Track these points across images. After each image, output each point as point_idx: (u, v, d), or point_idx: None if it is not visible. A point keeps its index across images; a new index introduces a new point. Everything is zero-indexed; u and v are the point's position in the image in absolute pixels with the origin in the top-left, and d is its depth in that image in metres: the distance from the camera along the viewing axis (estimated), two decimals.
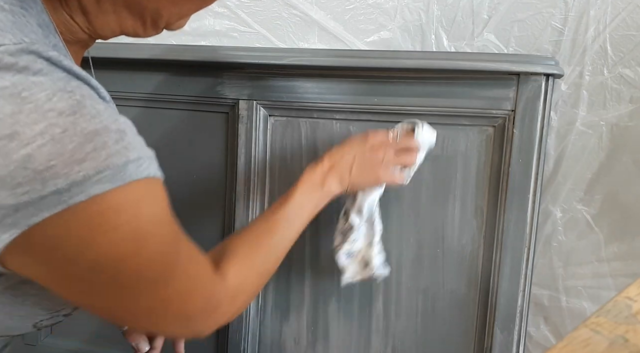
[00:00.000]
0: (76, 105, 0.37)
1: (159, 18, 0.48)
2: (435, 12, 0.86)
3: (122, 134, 0.40)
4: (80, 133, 0.37)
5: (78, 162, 0.36)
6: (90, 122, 0.37)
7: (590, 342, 0.39)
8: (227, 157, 0.89)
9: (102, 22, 0.47)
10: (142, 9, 0.46)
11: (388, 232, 0.84)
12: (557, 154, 0.85)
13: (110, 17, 0.47)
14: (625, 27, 0.79)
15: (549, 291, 0.89)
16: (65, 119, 0.36)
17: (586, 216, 0.85)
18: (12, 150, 0.35)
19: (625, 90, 0.80)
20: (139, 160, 0.41)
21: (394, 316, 0.85)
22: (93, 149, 0.37)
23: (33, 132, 0.35)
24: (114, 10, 0.46)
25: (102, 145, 0.38)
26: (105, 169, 0.37)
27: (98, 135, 0.37)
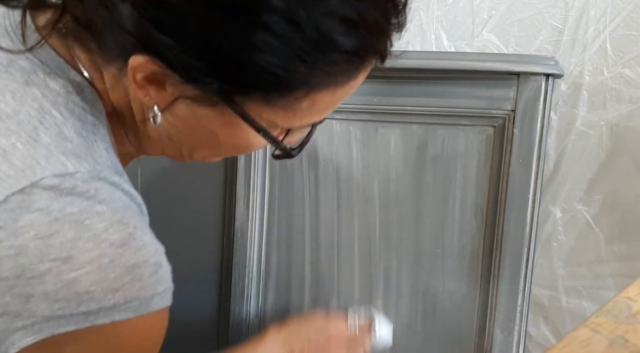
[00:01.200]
0: (127, 238, 0.41)
1: (193, 153, 0.53)
2: (435, 12, 0.86)
3: (157, 267, 0.45)
4: (124, 265, 0.41)
5: (113, 290, 0.41)
6: (134, 255, 0.42)
7: (590, 342, 0.39)
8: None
9: (149, 144, 0.52)
10: (180, 144, 0.51)
11: (388, 232, 0.84)
12: (557, 154, 0.85)
13: (155, 142, 0.51)
14: (626, 27, 0.79)
15: (549, 291, 0.89)
16: (115, 250, 0.40)
17: (586, 216, 0.85)
18: (63, 272, 0.39)
19: (625, 90, 0.80)
20: (164, 292, 0.45)
21: (394, 316, 0.85)
22: (130, 280, 0.41)
23: (85, 258, 0.39)
24: (159, 138, 0.50)
25: (138, 277, 0.42)
26: (134, 300, 0.42)
27: (137, 268, 0.42)
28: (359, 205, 0.85)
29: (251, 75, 0.41)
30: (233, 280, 0.90)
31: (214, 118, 0.45)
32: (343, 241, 0.86)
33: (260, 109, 0.44)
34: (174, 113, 0.46)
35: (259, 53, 0.39)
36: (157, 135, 0.50)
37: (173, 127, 0.48)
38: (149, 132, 0.50)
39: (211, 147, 0.51)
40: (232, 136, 0.47)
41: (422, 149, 0.82)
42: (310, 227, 0.87)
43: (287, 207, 0.88)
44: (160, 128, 0.48)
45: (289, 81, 0.42)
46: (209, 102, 0.44)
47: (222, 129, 0.46)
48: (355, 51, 0.43)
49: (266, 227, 0.89)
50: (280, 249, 0.89)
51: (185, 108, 0.45)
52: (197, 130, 0.47)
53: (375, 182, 0.84)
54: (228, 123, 0.45)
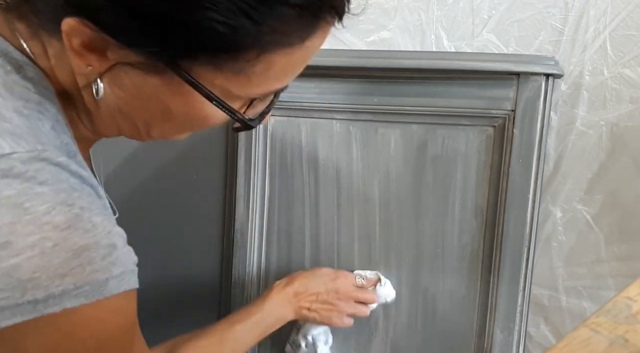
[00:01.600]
0: (73, 219, 0.39)
1: (150, 130, 0.49)
2: (435, 12, 0.86)
3: (111, 249, 0.41)
4: (70, 248, 0.38)
5: (61, 276, 0.38)
6: (82, 237, 0.39)
7: (590, 342, 0.39)
8: (227, 157, 0.89)
9: (102, 123, 0.49)
10: (134, 119, 0.47)
11: (388, 232, 0.84)
12: (557, 154, 0.85)
13: (109, 120, 0.48)
14: (626, 27, 0.79)
15: (549, 291, 0.88)
16: (59, 233, 0.38)
17: (586, 216, 0.85)
18: (2, 258, 0.36)
19: (625, 90, 0.80)
20: (121, 275, 0.42)
21: (394, 316, 0.85)
22: (79, 264, 0.39)
23: (25, 243, 0.37)
24: (111, 115, 0.47)
25: (88, 261, 0.39)
26: (85, 285, 0.39)
27: (87, 251, 0.39)
28: (359, 205, 0.85)
29: (193, 34, 0.38)
30: (233, 280, 0.90)
31: (162, 87, 0.42)
32: (343, 241, 0.86)
33: (210, 75, 0.41)
34: (119, 84, 0.43)
35: (200, 10, 0.37)
36: (108, 111, 0.47)
37: (122, 100, 0.45)
38: (100, 110, 0.47)
39: (166, 120, 0.47)
40: (184, 106, 0.44)
41: (422, 149, 0.82)
42: (310, 227, 0.87)
43: (287, 207, 0.88)
44: (109, 102, 0.45)
45: (236, 40, 0.39)
46: (154, 69, 0.41)
47: (173, 98, 0.43)
48: (305, 5, 0.39)
49: (266, 227, 0.89)
50: (280, 249, 0.89)
51: (130, 77, 0.42)
52: (147, 101, 0.44)
53: (375, 182, 0.84)
54: (178, 92, 0.43)
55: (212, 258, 0.92)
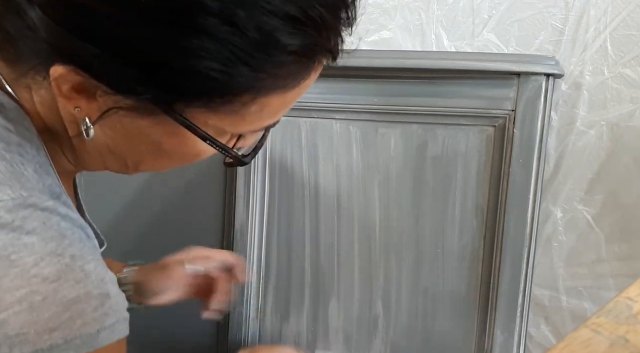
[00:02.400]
0: (63, 270, 0.37)
1: (139, 166, 0.48)
2: (435, 12, 0.86)
3: (104, 299, 0.40)
4: (60, 301, 0.37)
5: (49, 330, 0.36)
6: (73, 289, 0.37)
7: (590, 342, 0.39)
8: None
9: (89, 160, 0.48)
10: (124, 157, 0.46)
11: (388, 232, 0.84)
12: (557, 154, 0.85)
13: (96, 158, 0.47)
14: (626, 27, 0.79)
15: (549, 291, 0.88)
16: (48, 286, 0.36)
17: (586, 216, 0.85)
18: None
19: (626, 90, 0.80)
20: (114, 325, 0.40)
21: (394, 316, 0.85)
22: (69, 317, 0.37)
23: (13, 298, 0.35)
24: (99, 153, 0.46)
25: (79, 313, 0.38)
26: (75, 338, 0.37)
27: (77, 303, 0.38)
28: (359, 205, 0.85)
29: (189, 82, 0.37)
30: None
31: (155, 128, 0.41)
32: (343, 241, 0.86)
33: (204, 116, 0.40)
34: (110, 125, 0.42)
35: (196, 59, 0.36)
36: (95, 149, 0.45)
37: (112, 139, 0.43)
38: (87, 147, 0.45)
39: (157, 158, 0.46)
40: (177, 145, 0.43)
41: (422, 149, 0.81)
42: (310, 227, 0.87)
43: (287, 207, 0.88)
44: (98, 142, 0.44)
45: (233, 86, 0.38)
46: (146, 112, 0.40)
47: (166, 138, 0.42)
48: (302, 51, 0.39)
49: (266, 227, 0.89)
50: (280, 249, 0.89)
51: (121, 119, 0.41)
52: (139, 141, 0.43)
53: (375, 182, 0.84)
54: (171, 132, 0.41)
55: None
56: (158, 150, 0.44)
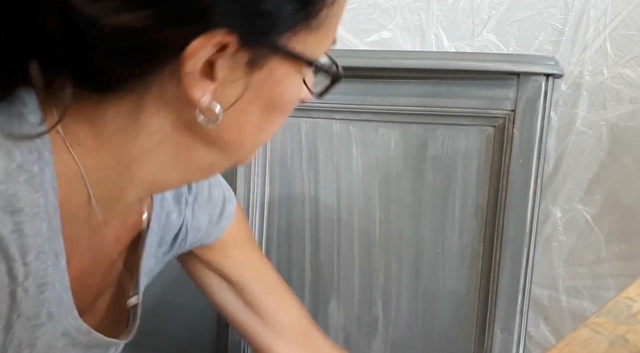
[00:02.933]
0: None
1: (244, 145, 0.45)
2: (435, 12, 0.86)
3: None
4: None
5: None
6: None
7: (590, 342, 0.39)
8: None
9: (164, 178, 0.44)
10: (238, 140, 0.43)
11: (388, 231, 0.84)
12: (557, 154, 0.85)
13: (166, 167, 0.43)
14: (625, 27, 0.79)
15: (549, 291, 0.89)
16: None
17: (586, 216, 0.85)
18: None
19: (625, 90, 0.80)
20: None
21: (394, 316, 0.85)
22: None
23: None
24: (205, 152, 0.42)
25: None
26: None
27: None
28: (359, 205, 0.85)
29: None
30: None
31: (265, 81, 0.38)
32: (343, 241, 0.86)
33: (302, 42, 0.38)
34: (225, 101, 0.37)
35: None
36: (203, 149, 0.40)
37: (235, 119, 0.39)
38: (181, 145, 0.40)
39: (265, 122, 0.42)
40: (285, 91, 0.40)
41: (422, 149, 0.82)
42: (310, 227, 0.87)
43: (287, 207, 0.88)
44: (203, 132, 0.39)
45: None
46: (259, 61, 0.37)
47: (274, 90, 0.39)
48: None
49: (266, 227, 0.89)
50: (280, 249, 0.89)
51: (233, 88, 0.37)
52: (252, 107, 0.39)
53: (375, 182, 0.84)
54: (278, 80, 0.39)
55: None
56: (267, 110, 0.41)
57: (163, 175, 0.42)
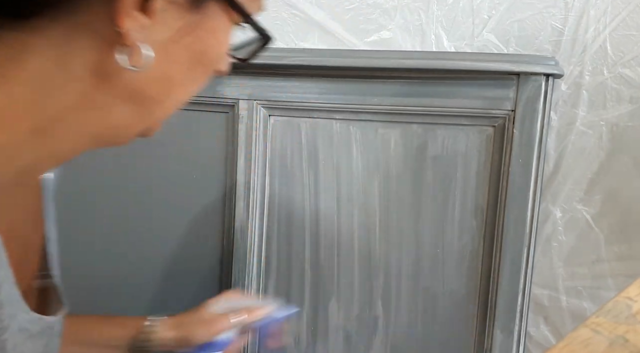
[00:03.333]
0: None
1: (167, 102, 0.43)
2: (435, 12, 0.86)
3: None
4: None
5: None
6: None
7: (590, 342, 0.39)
8: (227, 157, 0.89)
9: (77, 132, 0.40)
10: (158, 94, 0.41)
11: (388, 231, 0.84)
12: (557, 154, 0.85)
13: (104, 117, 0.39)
14: (626, 27, 0.79)
15: (549, 291, 0.89)
16: None
17: (586, 216, 0.85)
18: None
19: (625, 90, 0.80)
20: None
21: (394, 316, 0.85)
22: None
23: None
24: (121, 101, 0.39)
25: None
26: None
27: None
28: (359, 205, 0.85)
29: None
30: (233, 280, 0.90)
31: (200, 28, 0.37)
32: (343, 241, 0.86)
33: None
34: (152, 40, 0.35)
35: None
36: (109, 100, 0.37)
37: (153, 68, 0.36)
38: (98, 102, 0.36)
39: (190, 75, 0.40)
40: (214, 48, 0.39)
41: (422, 149, 0.82)
42: (310, 227, 0.87)
43: (287, 207, 0.88)
44: (127, 80, 0.36)
45: None
46: (198, 5, 0.36)
47: (206, 40, 0.38)
48: None
49: (266, 227, 0.89)
50: (280, 249, 0.89)
51: (172, 29, 0.35)
52: (179, 60, 0.37)
53: (375, 182, 0.84)
54: (211, 30, 0.38)
55: (212, 258, 0.92)
56: (194, 63, 0.39)
57: (76, 140, 0.38)
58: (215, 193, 0.91)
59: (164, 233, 0.95)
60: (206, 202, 0.91)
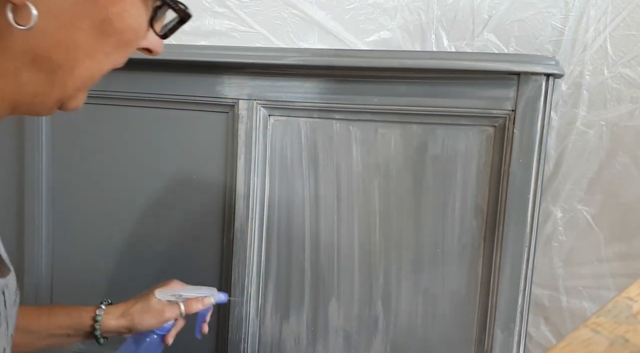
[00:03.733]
0: None
1: (73, 73, 0.41)
2: (435, 12, 0.86)
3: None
4: None
5: None
6: None
7: (590, 342, 0.39)
8: (227, 157, 0.89)
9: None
10: (59, 63, 0.40)
11: (388, 231, 0.84)
12: (557, 154, 0.85)
13: (8, 82, 0.39)
14: (626, 27, 0.79)
15: (549, 291, 0.89)
16: None
17: (586, 216, 0.85)
18: None
19: (626, 90, 0.80)
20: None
21: (394, 316, 0.85)
22: None
23: None
24: (18, 65, 0.39)
25: None
26: None
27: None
28: (359, 205, 0.85)
29: None
30: (233, 280, 0.90)
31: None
32: (343, 241, 0.86)
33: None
34: (47, 5, 0.35)
35: None
36: (13, 60, 0.37)
37: (48, 32, 0.36)
38: (4, 69, 0.37)
39: (96, 48, 0.39)
40: (122, 18, 0.38)
41: (422, 149, 0.82)
42: (310, 227, 0.87)
43: (287, 207, 0.88)
44: (26, 41, 0.36)
45: None
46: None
47: (110, 8, 0.37)
48: None
49: (266, 227, 0.89)
50: (280, 249, 0.89)
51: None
52: (79, 23, 0.37)
53: (375, 182, 0.84)
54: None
55: (212, 258, 0.92)
56: (101, 32, 0.38)
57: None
58: (215, 193, 0.91)
59: (164, 233, 0.95)
60: (206, 202, 0.91)
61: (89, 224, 0.97)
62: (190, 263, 0.94)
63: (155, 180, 0.93)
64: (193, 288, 0.78)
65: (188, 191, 0.92)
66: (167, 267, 0.95)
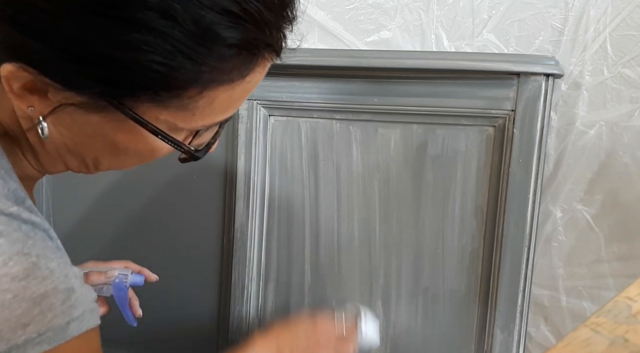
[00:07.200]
0: (30, 269, 0.40)
1: (99, 165, 0.49)
2: (435, 12, 0.86)
3: (69, 293, 0.42)
4: (30, 297, 0.39)
5: (23, 326, 0.39)
6: (41, 285, 0.40)
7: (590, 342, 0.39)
8: (227, 157, 0.89)
9: (49, 161, 0.49)
10: (82, 155, 0.47)
11: (388, 232, 0.84)
12: (557, 154, 0.85)
13: (56, 158, 0.48)
14: (626, 27, 0.79)
15: (549, 291, 0.88)
16: (18, 284, 0.39)
17: (586, 216, 0.85)
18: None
19: (625, 90, 0.80)
20: (82, 316, 0.43)
21: (394, 316, 0.85)
22: (40, 312, 0.40)
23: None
24: (58, 153, 0.47)
25: (48, 307, 0.40)
26: (48, 331, 0.40)
27: (46, 298, 0.40)
28: (359, 205, 0.85)
29: (134, 75, 0.38)
30: (233, 280, 0.90)
31: (108, 124, 0.42)
32: (343, 241, 0.86)
33: (155, 111, 0.41)
34: (64, 123, 0.43)
35: (138, 52, 0.37)
36: (54, 149, 0.47)
37: (68, 138, 0.45)
38: (46, 148, 0.47)
39: (114, 156, 0.46)
40: (131, 142, 0.44)
41: (422, 149, 0.82)
42: (310, 227, 0.87)
43: (287, 207, 0.88)
44: (55, 141, 0.45)
45: (177, 79, 0.39)
46: (97, 108, 0.40)
47: (120, 135, 0.43)
48: (243, 44, 0.40)
49: (266, 227, 0.89)
50: (280, 249, 0.89)
51: (74, 116, 0.42)
52: (93, 139, 0.44)
53: (375, 182, 0.84)
54: (124, 128, 0.42)
55: (212, 258, 0.92)
56: (113, 148, 0.45)
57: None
58: (215, 193, 0.91)
59: (164, 233, 0.95)
60: (206, 202, 0.91)
61: (89, 224, 0.97)
62: (190, 263, 0.94)
63: (155, 180, 0.93)
64: (105, 267, 0.76)
65: (188, 191, 0.92)
66: (167, 266, 0.95)
